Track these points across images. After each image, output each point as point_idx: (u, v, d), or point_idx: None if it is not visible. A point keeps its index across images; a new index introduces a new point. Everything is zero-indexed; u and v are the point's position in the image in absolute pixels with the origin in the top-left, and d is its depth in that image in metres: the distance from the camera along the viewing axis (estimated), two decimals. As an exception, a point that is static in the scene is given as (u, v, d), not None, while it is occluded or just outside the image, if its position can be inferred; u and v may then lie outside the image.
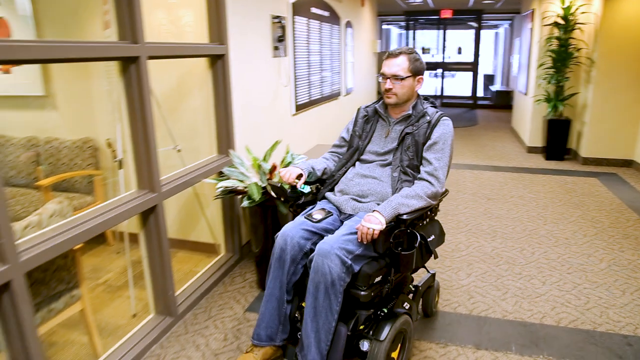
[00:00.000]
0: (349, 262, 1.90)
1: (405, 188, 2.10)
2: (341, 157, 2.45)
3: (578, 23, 6.22)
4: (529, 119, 7.07)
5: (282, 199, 2.37)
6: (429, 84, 14.89)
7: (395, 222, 1.99)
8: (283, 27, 3.97)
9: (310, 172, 2.31)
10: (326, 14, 5.43)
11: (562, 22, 6.25)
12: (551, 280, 3.15)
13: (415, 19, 13.44)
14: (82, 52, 1.99)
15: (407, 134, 2.21)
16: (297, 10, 4.43)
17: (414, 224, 2.09)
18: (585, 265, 3.36)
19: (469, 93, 13.51)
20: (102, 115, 3.67)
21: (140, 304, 2.97)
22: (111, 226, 2.22)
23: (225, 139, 3.17)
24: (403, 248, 1.99)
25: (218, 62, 2.99)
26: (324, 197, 2.35)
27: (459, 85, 18.12)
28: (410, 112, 2.27)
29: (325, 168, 2.40)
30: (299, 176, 2.24)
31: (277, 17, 3.87)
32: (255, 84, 3.58)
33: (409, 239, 2.02)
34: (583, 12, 6.20)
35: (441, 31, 13.29)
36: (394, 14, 13.34)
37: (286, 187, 2.31)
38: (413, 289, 2.52)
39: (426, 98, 2.36)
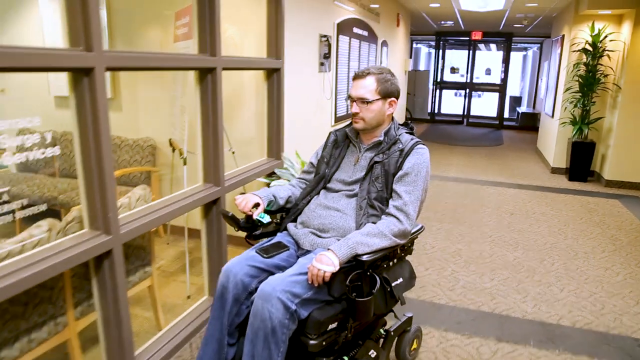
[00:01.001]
0: (294, 307, 1.67)
1: (368, 224, 1.87)
2: (308, 184, 2.23)
3: (606, 50, 6.46)
4: (554, 140, 7.29)
5: (236, 229, 2.12)
6: (456, 103, 15.15)
7: (355, 263, 1.76)
8: (329, 45, 4.34)
9: (271, 200, 2.12)
10: (365, 33, 5.80)
11: (590, 48, 6.50)
12: (569, 288, 3.39)
13: (445, 39, 13.76)
14: (171, 62, 2.38)
15: (377, 162, 1.99)
16: (341, 29, 4.81)
17: (376, 265, 1.86)
18: (602, 277, 3.60)
19: (495, 113, 13.72)
20: (161, 117, 4.04)
21: (193, 287, 3.30)
22: (183, 213, 2.56)
23: (275, 144, 3.51)
24: (359, 294, 1.75)
25: (274, 74, 3.34)
26: (285, 228, 2.14)
27: (485, 105, 18.32)
28: (382, 138, 2.05)
29: (290, 196, 2.20)
30: (256, 205, 2.05)
31: (325, 35, 4.24)
32: (302, 95, 3.94)
33: (370, 283, 1.79)
34: (612, 40, 6.44)
35: (470, 51, 13.56)
36: (425, 33, 13.69)
37: (240, 217, 2.10)
38: (384, 333, 2.23)
39: (405, 123, 2.16)
